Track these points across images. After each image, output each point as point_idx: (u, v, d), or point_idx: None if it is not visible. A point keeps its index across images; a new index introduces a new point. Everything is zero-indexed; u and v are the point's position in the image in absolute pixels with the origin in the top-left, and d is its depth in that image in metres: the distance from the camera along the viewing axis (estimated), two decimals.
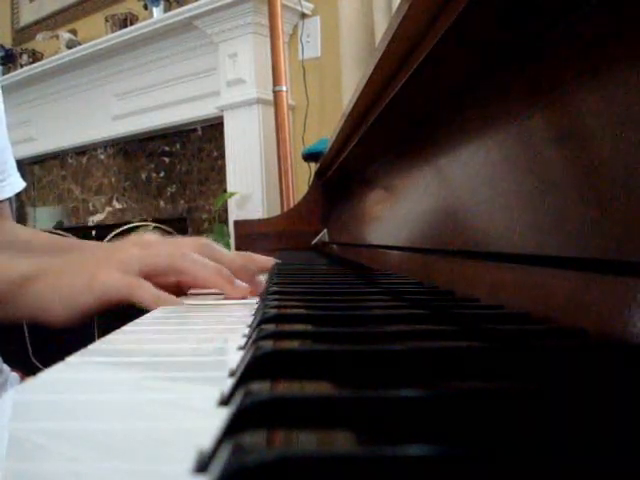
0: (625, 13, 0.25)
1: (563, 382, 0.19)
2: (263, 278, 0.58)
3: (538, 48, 0.33)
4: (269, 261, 0.72)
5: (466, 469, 0.12)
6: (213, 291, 0.51)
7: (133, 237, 0.52)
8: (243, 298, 0.47)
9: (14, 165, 0.82)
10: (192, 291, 0.57)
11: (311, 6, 2.23)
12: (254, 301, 0.46)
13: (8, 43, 3.47)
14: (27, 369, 0.80)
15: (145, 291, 0.45)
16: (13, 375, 0.73)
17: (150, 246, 0.49)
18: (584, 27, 0.28)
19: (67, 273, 0.48)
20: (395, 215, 0.69)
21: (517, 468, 0.12)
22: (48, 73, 2.99)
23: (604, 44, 0.26)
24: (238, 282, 0.49)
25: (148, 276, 0.47)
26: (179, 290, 0.53)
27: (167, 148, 2.72)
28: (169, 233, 2.48)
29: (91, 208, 3.10)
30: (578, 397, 0.16)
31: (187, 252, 0.48)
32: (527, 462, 0.12)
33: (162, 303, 0.45)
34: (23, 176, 0.85)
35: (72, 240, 0.89)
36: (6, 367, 0.72)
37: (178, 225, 2.62)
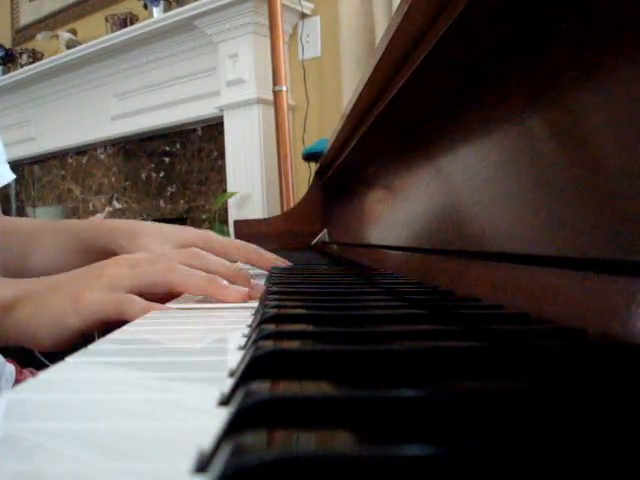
0: (626, 11, 0.25)
1: (563, 382, 0.19)
2: (262, 282, 0.58)
3: (539, 48, 0.33)
4: (276, 260, 0.72)
5: (466, 469, 0.12)
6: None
7: (121, 257, 0.49)
8: (243, 300, 0.46)
9: (3, 155, 0.81)
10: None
11: (311, 6, 2.23)
12: (254, 303, 0.46)
13: (8, 43, 3.47)
14: (31, 362, 0.79)
15: (136, 306, 0.43)
16: (9, 366, 0.73)
17: (138, 264, 0.47)
18: (586, 25, 0.28)
19: (51, 296, 0.46)
20: (395, 215, 0.69)
21: (517, 468, 0.12)
22: (48, 73, 2.99)
23: (605, 43, 0.26)
24: (234, 286, 0.47)
25: (138, 294, 0.45)
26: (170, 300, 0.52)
27: (167, 148, 2.72)
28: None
29: (91, 208, 3.10)
30: (578, 397, 0.16)
31: (177, 266, 0.46)
32: (527, 462, 0.12)
33: None
34: (22, 176, 0.85)
35: (57, 224, 0.78)
36: (0, 358, 0.72)
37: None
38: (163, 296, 0.50)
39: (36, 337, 0.45)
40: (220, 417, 0.16)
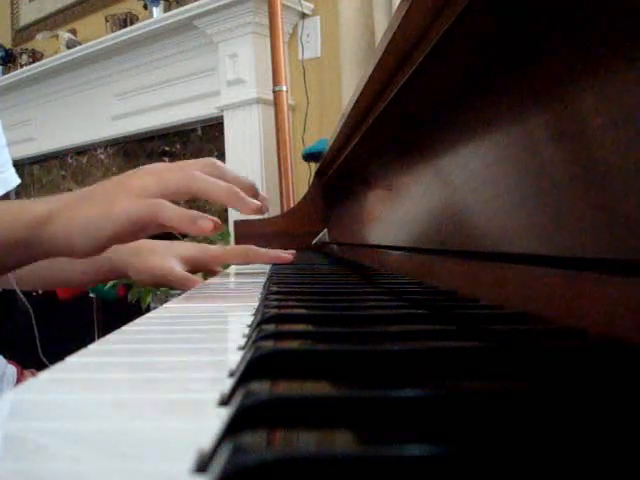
0: (625, 12, 0.25)
1: (562, 382, 0.19)
2: (262, 281, 0.59)
3: (539, 48, 0.33)
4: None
5: (465, 469, 0.12)
6: (217, 289, 0.51)
7: (142, 167, 0.52)
8: (255, 213, 0.51)
9: (9, 161, 0.82)
10: (192, 292, 0.58)
11: (311, 6, 2.23)
12: (254, 303, 0.46)
13: (8, 43, 3.47)
14: (34, 365, 0.80)
15: (169, 209, 0.46)
16: (10, 367, 0.73)
17: (161, 172, 0.50)
18: (584, 27, 0.28)
19: (83, 205, 0.49)
20: (395, 215, 0.69)
21: (516, 468, 0.12)
22: (48, 73, 2.99)
23: (605, 44, 0.26)
24: (249, 199, 0.51)
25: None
26: None
27: (167, 148, 2.72)
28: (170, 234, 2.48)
29: None
30: (578, 397, 0.16)
31: (198, 174, 0.49)
32: (526, 462, 0.12)
33: (187, 220, 0.47)
34: (22, 176, 0.85)
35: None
36: (2, 359, 0.72)
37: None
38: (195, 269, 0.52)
39: (71, 245, 0.48)
40: (220, 417, 0.16)
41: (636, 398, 0.16)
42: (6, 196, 0.83)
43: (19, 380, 0.74)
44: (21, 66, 3.18)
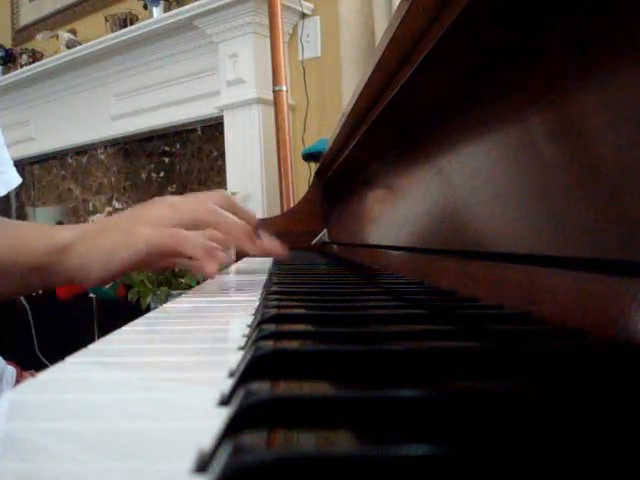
0: (625, 13, 0.25)
1: (563, 382, 0.19)
2: (262, 281, 0.59)
3: (539, 48, 0.33)
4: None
5: (465, 469, 0.12)
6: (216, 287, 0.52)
7: (156, 199, 0.53)
8: (261, 255, 0.52)
9: (9, 160, 0.82)
10: (196, 289, 0.58)
11: (311, 6, 2.23)
12: (254, 303, 0.46)
13: (8, 43, 3.47)
14: (32, 364, 0.80)
15: (188, 239, 0.47)
16: (10, 368, 0.73)
17: (177, 204, 0.51)
18: (584, 27, 0.28)
19: (103, 233, 0.50)
20: (395, 215, 0.69)
21: (516, 469, 0.12)
22: (48, 73, 2.99)
23: (604, 44, 0.26)
24: (259, 241, 0.53)
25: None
26: None
27: (167, 148, 2.72)
28: None
29: (91, 208, 3.10)
30: (578, 397, 0.16)
31: (212, 207, 0.51)
32: (526, 463, 0.12)
33: (204, 252, 0.47)
34: (23, 176, 0.85)
35: None
36: (1, 360, 0.72)
37: None
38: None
39: (86, 274, 0.49)
40: (220, 417, 0.16)
41: (636, 398, 0.16)
42: (7, 195, 0.83)
43: (18, 381, 0.74)
44: (21, 66, 3.18)
